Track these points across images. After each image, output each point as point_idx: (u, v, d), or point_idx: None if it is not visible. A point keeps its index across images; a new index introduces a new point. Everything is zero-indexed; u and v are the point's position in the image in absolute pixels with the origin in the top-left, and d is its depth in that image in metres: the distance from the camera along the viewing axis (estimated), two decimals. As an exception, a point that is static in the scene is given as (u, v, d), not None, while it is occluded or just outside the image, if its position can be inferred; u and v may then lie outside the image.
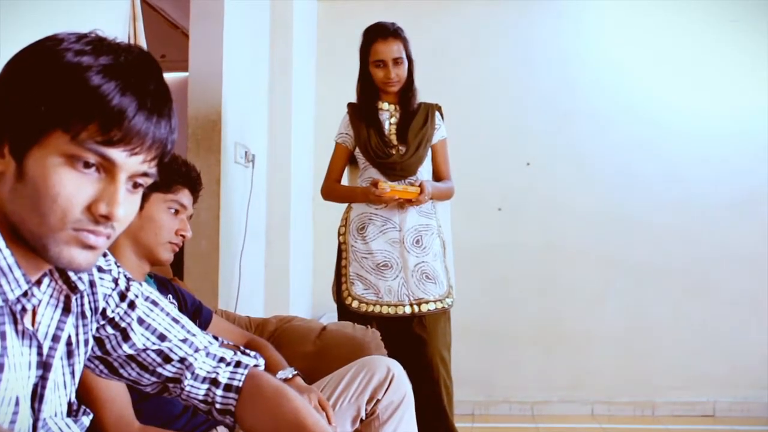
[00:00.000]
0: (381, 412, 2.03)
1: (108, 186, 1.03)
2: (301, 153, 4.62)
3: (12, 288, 1.04)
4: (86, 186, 1.02)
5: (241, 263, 3.63)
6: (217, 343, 1.35)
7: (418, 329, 3.24)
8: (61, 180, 1.00)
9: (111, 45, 1.04)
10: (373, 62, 3.26)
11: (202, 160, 3.30)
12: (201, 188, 2.13)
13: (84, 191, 1.01)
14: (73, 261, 1.03)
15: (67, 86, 0.99)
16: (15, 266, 1.04)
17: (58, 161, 1.00)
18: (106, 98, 0.99)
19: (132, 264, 1.97)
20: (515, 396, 4.80)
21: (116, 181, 1.03)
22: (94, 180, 1.02)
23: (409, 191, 3.19)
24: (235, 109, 3.62)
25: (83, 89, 0.99)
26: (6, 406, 1.05)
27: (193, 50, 3.53)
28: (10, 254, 1.04)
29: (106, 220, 1.03)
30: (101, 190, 1.02)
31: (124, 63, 1.02)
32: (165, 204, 1.98)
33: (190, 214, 2.08)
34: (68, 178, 1.00)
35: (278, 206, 4.30)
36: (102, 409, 1.73)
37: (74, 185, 1.01)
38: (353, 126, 3.34)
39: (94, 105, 0.99)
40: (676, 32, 4.84)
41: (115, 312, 1.26)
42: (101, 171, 1.02)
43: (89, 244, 1.03)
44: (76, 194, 1.01)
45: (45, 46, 1.03)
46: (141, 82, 1.03)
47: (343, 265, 3.33)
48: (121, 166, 1.03)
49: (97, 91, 0.99)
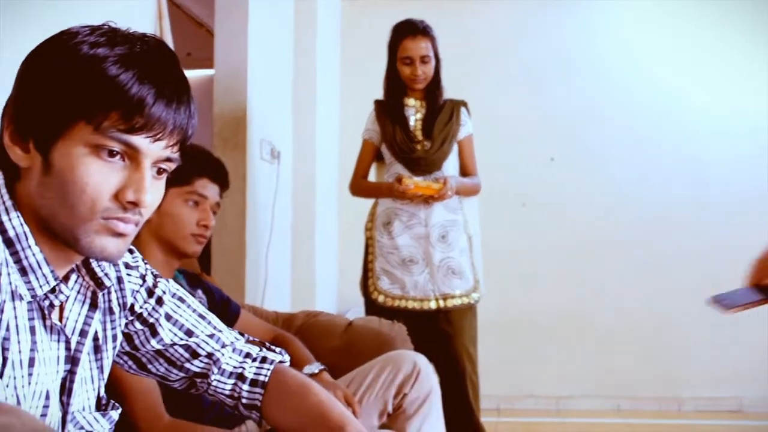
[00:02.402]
0: (407, 406, 2.03)
1: (134, 173, 1.04)
2: (326, 149, 4.64)
3: (41, 284, 1.06)
4: (112, 174, 1.03)
5: (267, 259, 3.66)
6: (243, 339, 1.36)
7: (444, 324, 3.25)
8: (88, 170, 1.02)
9: (125, 35, 1.06)
10: (401, 59, 3.27)
11: (228, 157, 3.32)
12: (225, 174, 2.10)
13: (111, 180, 1.03)
14: (105, 249, 1.05)
15: (86, 78, 1.00)
16: (43, 262, 1.06)
17: (84, 152, 1.02)
18: (125, 87, 1.01)
19: (159, 261, 1.98)
20: (540, 391, 4.80)
21: (141, 168, 1.05)
22: (120, 168, 1.04)
23: (432, 187, 3.19)
24: (260, 106, 3.64)
25: (102, 80, 1.00)
26: (37, 400, 1.07)
27: (218, 48, 3.56)
28: (39, 251, 1.05)
29: (134, 206, 1.05)
30: (127, 177, 1.04)
31: (140, 52, 1.04)
32: (182, 197, 1.97)
33: (215, 203, 2.05)
34: (94, 167, 1.02)
35: (303, 202, 4.32)
36: (133, 403, 1.75)
37: (101, 174, 1.03)
38: (379, 122, 3.35)
39: (114, 94, 1.00)
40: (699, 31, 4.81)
41: (143, 308, 1.27)
42: (126, 159, 1.04)
43: (119, 231, 1.05)
44: (104, 183, 1.03)
45: (60, 40, 1.04)
46: (158, 70, 1.05)
47: (370, 260, 3.35)
48: (145, 153, 1.05)
49: (116, 80, 1.01)
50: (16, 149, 1.04)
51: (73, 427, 1.16)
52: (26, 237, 1.04)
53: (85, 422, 1.18)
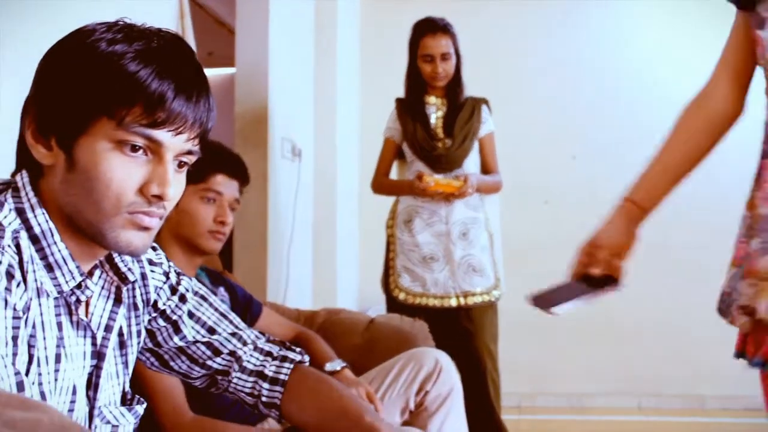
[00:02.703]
0: (429, 403, 2.03)
1: (157, 167, 1.06)
2: (347, 146, 4.65)
3: (67, 280, 1.07)
4: (136, 169, 1.05)
5: (289, 256, 3.67)
6: (264, 338, 1.36)
7: (465, 322, 3.25)
8: (112, 165, 1.03)
9: (142, 31, 1.07)
10: (422, 56, 3.27)
11: (249, 156, 3.33)
12: (242, 169, 2.09)
13: (135, 174, 1.04)
14: (131, 244, 1.07)
15: (106, 75, 1.01)
16: (69, 258, 1.07)
17: (107, 147, 1.03)
18: (145, 83, 1.02)
19: (181, 260, 1.99)
20: (562, 388, 4.79)
21: (164, 162, 1.06)
22: (143, 162, 1.05)
23: (453, 185, 3.19)
24: (282, 104, 3.65)
25: (122, 76, 1.01)
26: (64, 395, 1.08)
27: (239, 47, 3.57)
28: (64, 247, 1.07)
29: (158, 200, 1.06)
30: (151, 171, 1.05)
31: (157, 47, 1.05)
32: (198, 194, 1.97)
33: (233, 199, 2.04)
34: (118, 162, 1.03)
35: (324, 200, 4.34)
36: (156, 400, 1.76)
37: (125, 169, 1.04)
38: (400, 120, 3.35)
39: (136, 90, 1.01)
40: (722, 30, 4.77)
41: (166, 305, 1.28)
42: (148, 153, 1.05)
43: (144, 225, 1.06)
44: (128, 178, 1.04)
45: (78, 38, 1.05)
46: (177, 64, 1.06)
47: (391, 257, 3.35)
48: (168, 147, 1.06)
49: (136, 76, 1.02)
50: (39, 147, 1.05)
51: (100, 421, 1.18)
52: (51, 233, 1.06)
53: (111, 417, 1.19)
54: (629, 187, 1.71)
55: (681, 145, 1.65)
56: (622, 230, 1.64)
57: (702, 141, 1.63)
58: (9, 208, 1.04)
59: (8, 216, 1.03)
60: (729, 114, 1.61)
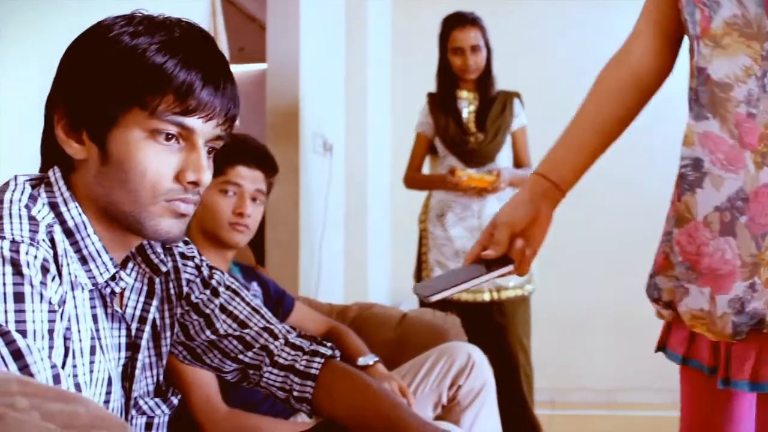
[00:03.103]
0: (462, 398, 2.03)
1: (190, 154, 1.07)
2: (378, 141, 4.65)
3: (101, 272, 1.08)
4: (170, 157, 1.06)
5: (321, 251, 3.68)
6: (294, 333, 1.37)
7: (498, 316, 3.24)
8: (147, 155, 1.05)
9: (161, 22, 1.08)
10: (452, 49, 3.26)
11: (281, 151, 3.35)
12: (263, 158, 2.05)
13: (169, 162, 1.06)
14: (170, 231, 1.09)
15: (136, 67, 1.03)
16: (102, 250, 1.08)
17: (141, 137, 1.05)
18: (174, 72, 1.03)
19: (212, 255, 2.00)
20: (595, 383, 4.75)
21: (197, 148, 1.08)
22: (176, 150, 1.07)
23: (485, 179, 3.18)
24: (313, 99, 3.66)
25: (151, 67, 1.03)
26: (100, 387, 1.09)
27: (270, 42, 3.58)
28: (98, 239, 1.08)
29: (194, 186, 1.08)
30: (185, 158, 1.07)
31: (179, 37, 1.06)
32: (217, 188, 1.96)
33: (254, 189, 2.01)
34: (153, 152, 1.05)
35: (355, 194, 4.34)
36: (190, 393, 1.78)
37: (159, 158, 1.05)
38: (432, 115, 3.35)
39: (166, 79, 1.03)
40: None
41: (198, 298, 1.29)
42: (180, 141, 1.07)
43: (181, 212, 1.08)
44: (163, 166, 1.06)
45: (100, 33, 1.07)
46: (201, 52, 1.08)
47: (423, 252, 3.36)
48: (199, 133, 1.07)
49: (164, 66, 1.03)
50: (72, 142, 1.07)
51: (135, 412, 1.19)
52: (85, 226, 1.07)
53: (146, 408, 1.21)
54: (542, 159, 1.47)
55: (597, 108, 1.41)
56: (525, 206, 1.38)
57: (623, 102, 1.39)
58: (42, 203, 1.06)
59: (42, 210, 1.04)
60: (652, 69, 1.39)
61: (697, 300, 1.22)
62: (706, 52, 1.18)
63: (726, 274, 1.17)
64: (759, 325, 1.16)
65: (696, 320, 1.23)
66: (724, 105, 1.16)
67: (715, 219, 1.18)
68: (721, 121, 1.17)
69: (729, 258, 1.17)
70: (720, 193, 1.17)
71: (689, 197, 1.21)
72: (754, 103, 1.13)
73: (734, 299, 1.17)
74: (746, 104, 1.14)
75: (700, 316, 1.22)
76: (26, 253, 0.96)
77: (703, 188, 1.19)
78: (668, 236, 1.30)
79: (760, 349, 1.19)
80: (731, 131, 1.16)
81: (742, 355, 1.20)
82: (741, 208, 1.15)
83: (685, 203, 1.22)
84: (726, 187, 1.16)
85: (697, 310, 1.22)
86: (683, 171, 1.23)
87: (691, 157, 1.21)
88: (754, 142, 1.13)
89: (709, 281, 1.20)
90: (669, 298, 1.31)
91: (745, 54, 1.14)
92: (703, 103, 1.19)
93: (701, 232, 1.20)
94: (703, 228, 1.19)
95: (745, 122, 1.14)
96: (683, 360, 1.37)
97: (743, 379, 1.20)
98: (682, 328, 1.31)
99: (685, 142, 1.23)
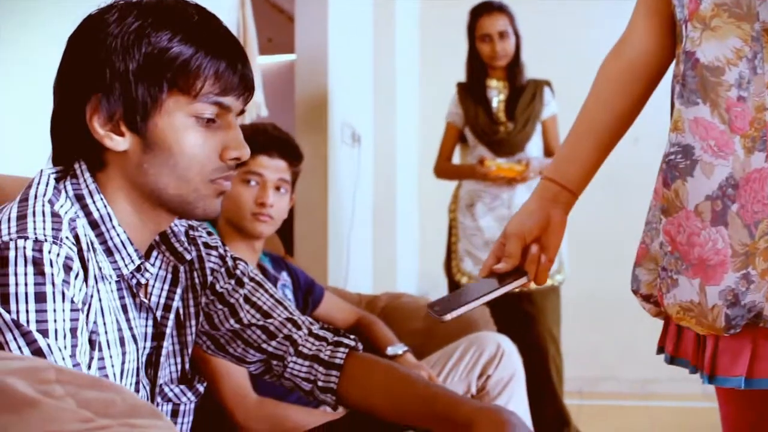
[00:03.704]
0: (491, 388, 2.03)
1: (228, 132, 1.11)
2: (407, 131, 4.64)
3: (126, 263, 1.10)
4: (212, 137, 1.09)
5: (349, 241, 3.69)
6: (317, 325, 1.36)
7: (527, 306, 3.23)
8: (192, 138, 1.07)
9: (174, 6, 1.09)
10: (479, 37, 3.25)
11: (310, 141, 3.36)
12: (284, 147, 2.04)
13: (212, 143, 1.09)
14: (217, 209, 1.13)
15: (174, 54, 1.04)
16: (127, 242, 1.09)
17: (184, 121, 1.07)
18: (209, 54, 1.06)
19: (240, 246, 2.01)
20: (625, 373, 4.73)
21: (233, 126, 1.11)
22: (216, 129, 1.09)
23: (515, 169, 3.17)
24: (341, 90, 3.66)
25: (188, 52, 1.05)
26: (131, 377, 1.11)
27: (298, 33, 3.59)
28: (123, 231, 1.09)
29: (237, 161, 1.11)
30: (225, 137, 1.10)
31: (201, 21, 1.09)
32: (240, 178, 1.97)
33: (277, 178, 2.01)
34: (197, 134, 1.08)
35: (384, 184, 4.34)
36: (220, 382, 1.79)
37: (203, 139, 1.08)
38: (462, 105, 3.34)
39: (203, 63, 1.05)
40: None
41: (223, 288, 1.29)
42: (218, 120, 1.09)
43: (222, 189, 1.12)
44: (207, 147, 1.09)
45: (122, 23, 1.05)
46: (222, 32, 1.11)
47: (453, 241, 3.36)
48: (232, 110, 1.11)
49: (200, 50, 1.06)
50: (112, 135, 1.07)
51: (161, 399, 1.20)
52: (110, 218, 1.08)
53: (172, 395, 1.22)
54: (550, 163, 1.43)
55: (600, 105, 1.41)
56: (533, 215, 1.34)
57: (626, 95, 1.39)
58: (66, 196, 1.07)
59: (65, 205, 1.05)
60: (650, 58, 1.35)
61: (687, 291, 1.16)
62: (694, 35, 1.15)
63: (716, 264, 1.13)
64: (756, 318, 1.11)
65: (684, 313, 1.18)
66: (715, 89, 1.12)
67: (706, 208, 1.13)
68: (712, 106, 1.13)
69: (720, 248, 1.12)
70: (711, 180, 1.13)
71: (679, 185, 1.17)
72: (744, 86, 1.10)
73: (726, 291, 1.12)
74: (737, 88, 1.10)
75: (688, 308, 1.16)
76: (49, 251, 0.97)
77: (693, 176, 1.15)
78: (649, 226, 1.26)
79: (755, 343, 1.13)
80: (722, 116, 1.12)
81: (733, 349, 1.14)
82: (732, 195, 1.11)
83: (675, 191, 1.17)
84: (716, 174, 1.12)
85: (686, 302, 1.16)
86: (671, 158, 1.19)
87: (681, 144, 1.17)
88: (745, 126, 1.10)
89: (699, 272, 1.15)
90: (648, 291, 1.27)
91: (735, 35, 1.11)
92: (692, 89, 1.15)
93: (692, 222, 1.15)
94: (694, 217, 1.15)
95: (736, 106, 1.11)
96: (671, 360, 1.31)
97: (737, 375, 1.14)
98: (672, 324, 1.27)
99: (674, 129, 1.19)
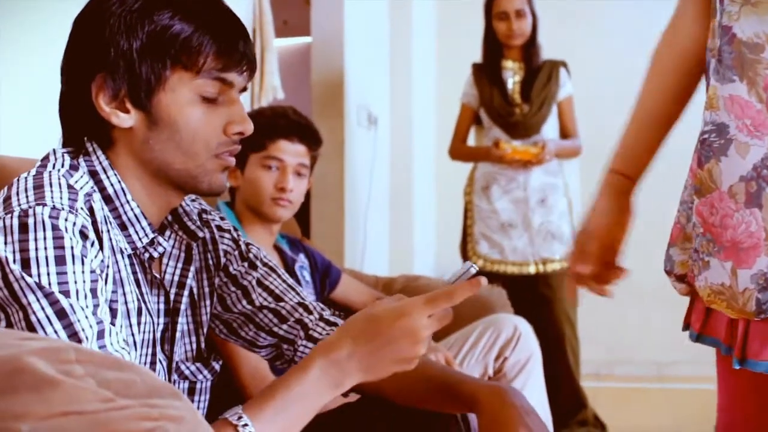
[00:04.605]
0: (508, 370, 2.03)
1: (231, 107, 1.12)
2: (423, 113, 4.63)
3: (140, 237, 1.11)
4: (216, 113, 1.11)
5: (366, 223, 3.69)
6: (329, 311, 1.36)
7: (544, 289, 3.22)
8: (196, 114, 1.09)
9: None
10: (496, 15, 3.23)
11: (326, 124, 3.36)
12: (303, 132, 2.04)
13: (216, 119, 1.10)
14: (222, 185, 1.15)
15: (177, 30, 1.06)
16: (141, 216, 1.11)
17: (189, 97, 1.08)
18: (212, 30, 1.07)
19: (258, 230, 2.01)
20: (642, 356, 4.72)
21: (236, 101, 1.13)
22: (219, 105, 1.11)
23: (530, 151, 3.15)
24: (357, 72, 3.65)
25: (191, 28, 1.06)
26: (146, 348, 1.13)
27: (314, 15, 3.58)
28: (136, 205, 1.11)
29: (240, 136, 1.13)
30: (228, 112, 1.11)
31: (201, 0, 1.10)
32: (260, 163, 1.98)
33: (297, 163, 2.01)
34: (201, 110, 1.09)
35: (401, 166, 4.34)
36: (238, 366, 1.79)
37: (207, 115, 1.10)
38: (477, 86, 3.32)
39: (206, 39, 1.07)
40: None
41: (237, 270, 1.30)
42: (221, 95, 1.11)
43: (227, 164, 1.14)
44: (212, 122, 1.10)
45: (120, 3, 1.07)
46: (224, 12, 1.12)
47: (469, 224, 3.35)
48: (236, 86, 1.12)
49: (204, 26, 1.07)
50: (118, 112, 1.08)
51: (177, 377, 1.21)
52: (124, 193, 1.10)
53: (188, 372, 1.23)
54: (612, 155, 1.46)
55: (660, 95, 1.41)
56: (613, 210, 1.40)
57: (683, 84, 1.38)
58: (82, 172, 1.08)
59: (80, 180, 1.07)
60: (699, 47, 1.30)
61: (718, 274, 1.15)
62: (732, 9, 1.12)
63: (750, 247, 1.11)
64: None
65: (715, 296, 1.16)
66: (754, 67, 1.10)
67: (740, 189, 1.11)
68: (749, 84, 1.10)
69: (753, 231, 1.11)
70: (746, 161, 1.10)
71: (713, 165, 1.14)
72: None
73: (758, 274, 1.10)
74: None
75: (720, 291, 1.15)
76: (65, 219, 0.98)
77: (728, 156, 1.12)
78: (685, 205, 1.25)
79: None
80: (759, 95, 1.09)
81: (764, 334, 1.13)
82: (767, 176, 1.09)
83: (708, 171, 1.15)
84: (751, 154, 1.10)
85: (718, 284, 1.15)
86: (706, 137, 1.16)
87: (715, 122, 1.15)
88: None
89: (731, 255, 1.13)
90: (681, 271, 1.26)
91: None
92: (728, 65, 1.13)
93: (726, 203, 1.13)
94: (728, 199, 1.12)
95: None
96: (698, 337, 1.29)
97: (766, 360, 1.12)
98: (699, 302, 1.26)
99: (709, 106, 1.17)
